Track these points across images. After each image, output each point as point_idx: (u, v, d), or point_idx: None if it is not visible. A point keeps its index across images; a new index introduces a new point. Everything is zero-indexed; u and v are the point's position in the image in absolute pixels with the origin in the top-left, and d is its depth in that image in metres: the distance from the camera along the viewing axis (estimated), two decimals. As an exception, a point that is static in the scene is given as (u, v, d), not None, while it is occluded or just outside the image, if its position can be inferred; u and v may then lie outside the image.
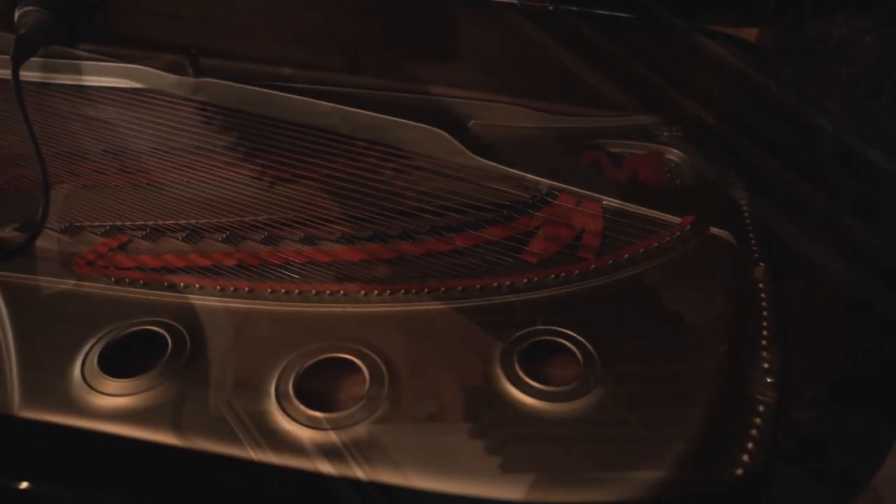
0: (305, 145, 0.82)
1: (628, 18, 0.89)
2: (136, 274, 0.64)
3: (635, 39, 0.88)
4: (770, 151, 0.79)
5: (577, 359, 0.57)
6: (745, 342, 0.59)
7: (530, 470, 0.50)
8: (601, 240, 0.67)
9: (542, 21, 0.91)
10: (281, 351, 0.57)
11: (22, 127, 0.88)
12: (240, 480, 0.50)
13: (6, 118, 0.90)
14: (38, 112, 0.90)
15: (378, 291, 0.61)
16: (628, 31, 0.89)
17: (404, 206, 0.73)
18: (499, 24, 0.93)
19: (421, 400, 0.54)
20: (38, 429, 0.51)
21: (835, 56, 1.04)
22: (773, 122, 0.81)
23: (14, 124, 0.90)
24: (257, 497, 0.48)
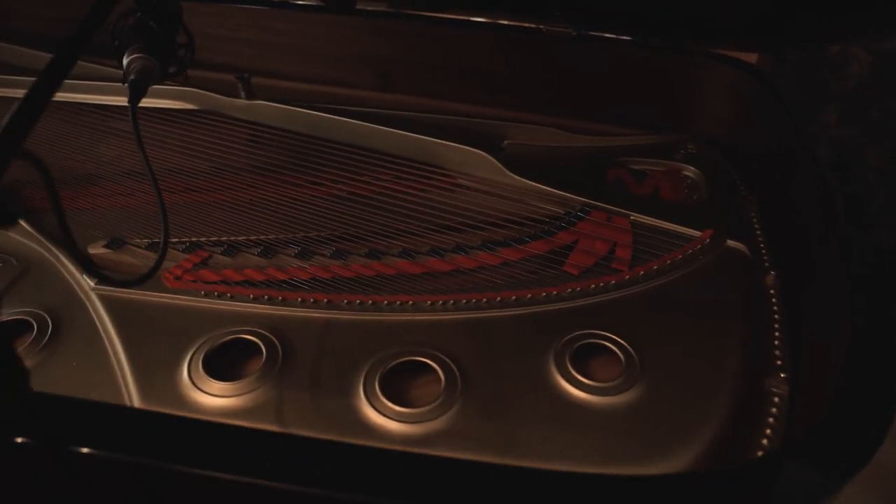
0: (355, 164, 0.90)
1: (645, 44, 0.97)
2: (222, 287, 0.71)
3: (652, 63, 0.97)
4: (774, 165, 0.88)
5: (619, 358, 0.66)
6: (760, 342, 0.69)
7: (582, 451, 0.59)
8: (632, 252, 0.76)
9: (566, 46, 0.99)
10: (362, 355, 0.65)
11: (86, 147, 0.96)
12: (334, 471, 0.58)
13: (73, 139, 0.97)
14: (104, 133, 0.97)
15: (442, 301, 0.69)
16: (645, 55, 0.97)
17: (452, 221, 0.81)
18: (526, 49, 1.01)
19: (487, 395, 0.62)
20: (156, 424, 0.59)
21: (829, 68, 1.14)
22: (776, 138, 0.90)
23: (81, 145, 0.97)
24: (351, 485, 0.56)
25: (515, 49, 1.02)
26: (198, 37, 1.11)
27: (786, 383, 0.64)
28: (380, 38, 1.06)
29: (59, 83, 0.47)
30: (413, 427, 0.59)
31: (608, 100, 0.99)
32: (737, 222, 0.82)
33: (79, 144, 0.97)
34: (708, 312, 0.70)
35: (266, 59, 1.11)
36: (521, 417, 0.61)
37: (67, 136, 0.98)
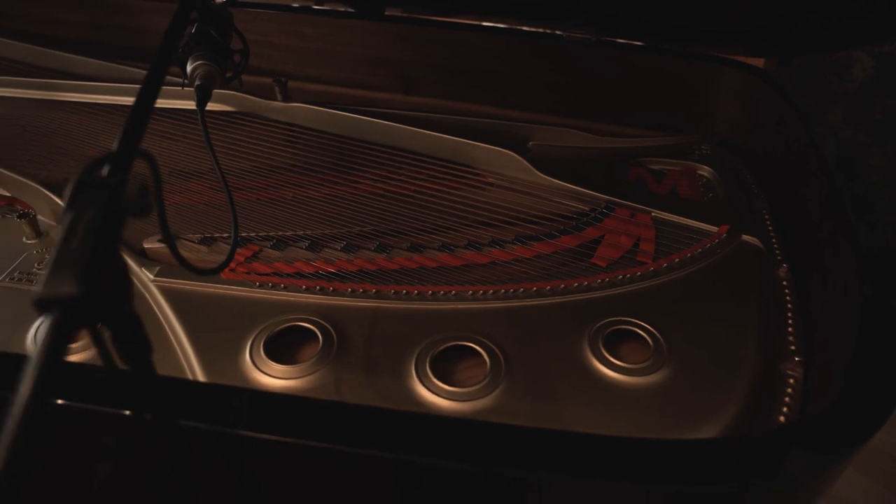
0: (389, 164, 0.95)
1: (660, 49, 1.03)
2: (275, 278, 0.76)
3: (667, 68, 1.02)
4: (783, 165, 0.94)
5: (647, 343, 0.71)
6: (774, 329, 0.74)
7: (618, 426, 0.64)
8: (655, 246, 0.81)
9: (585, 51, 1.04)
10: (411, 341, 0.70)
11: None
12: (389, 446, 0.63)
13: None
14: (156, 136, 1.02)
15: (482, 291, 0.74)
16: (661, 60, 1.02)
17: (485, 217, 0.86)
18: (546, 54, 1.06)
19: (529, 377, 0.68)
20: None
21: (833, 71, 1.20)
22: (785, 139, 0.95)
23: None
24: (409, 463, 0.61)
25: (536, 54, 1.08)
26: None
27: (800, 366, 0.70)
28: (405, 43, 1.11)
29: (158, 90, 0.52)
30: (463, 405, 0.65)
31: (626, 103, 1.04)
32: (750, 218, 0.87)
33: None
34: (726, 301, 0.76)
35: (294, 63, 1.15)
36: (560, 396, 0.66)
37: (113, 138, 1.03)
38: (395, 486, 0.54)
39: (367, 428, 0.50)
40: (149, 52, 1.20)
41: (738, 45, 1.03)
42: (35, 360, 0.30)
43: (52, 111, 1.09)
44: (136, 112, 0.48)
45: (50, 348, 0.30)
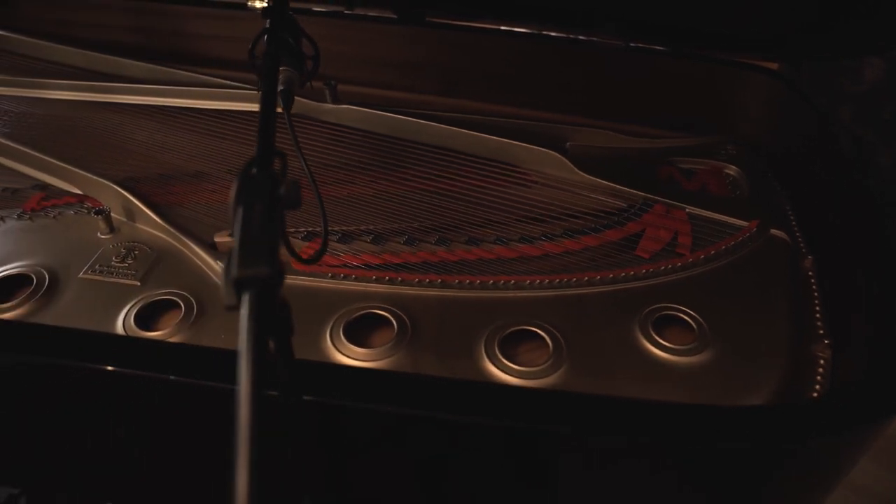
0: (437, 163, 1.01)
1: (686, 54, 1.10)
2: (345, 269, 0.82)
3: (694, 72, 1.09)
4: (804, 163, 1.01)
5: (691, 326, 0.78)
6: (804, 315, 0.81)
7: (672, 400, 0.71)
8: (692, 239, 0.88)
9: (618, 56, 1.11)
10: (478, 326, 0.76)
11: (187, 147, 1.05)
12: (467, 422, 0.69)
13: (177, 141, 1.07)
14: (209, 137, 1.07)
15: (539, 281, 0.81)
16: (687, 64, 1.09)
17: (533, 212, 0.93)
18: (580, 59, 1.12)
19: (587, 358, 0.74)
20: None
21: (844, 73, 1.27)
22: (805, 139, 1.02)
23: (182, 145, 1.06)
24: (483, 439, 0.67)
25: (570, 58, 1.14)
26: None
27: (828, 348, 0.77)
28: (444, 48, 1.17)
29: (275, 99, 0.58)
30: (531, 383, 0.71)
31: (654, 105, 1.11)
32: (775, 213, 0.94)
33: (184, 146, 1.07)
34: (759, 290, 0.83)
35: (336, 67, 1.21)
36: (617, 375, 0.73)
37: (173, 138, 1.08)
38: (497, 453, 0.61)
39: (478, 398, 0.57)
40: (193, 56, 1.26)
41: (756, 51, 1.10)
42: (246, 335, 0.36)
43: (106, 112, 1.14)
44: (264, 119, 0.54)
45: (257, 321, 0.36)
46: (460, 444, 0.64)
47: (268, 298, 0.38)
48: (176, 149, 1.06)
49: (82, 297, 0.83)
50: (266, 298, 0.37)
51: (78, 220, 0.95)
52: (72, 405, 0.75)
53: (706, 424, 0.61)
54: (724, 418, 0.62)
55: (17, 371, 0.71)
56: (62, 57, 1.22)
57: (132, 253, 0.89)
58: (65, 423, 0.78)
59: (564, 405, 0.59)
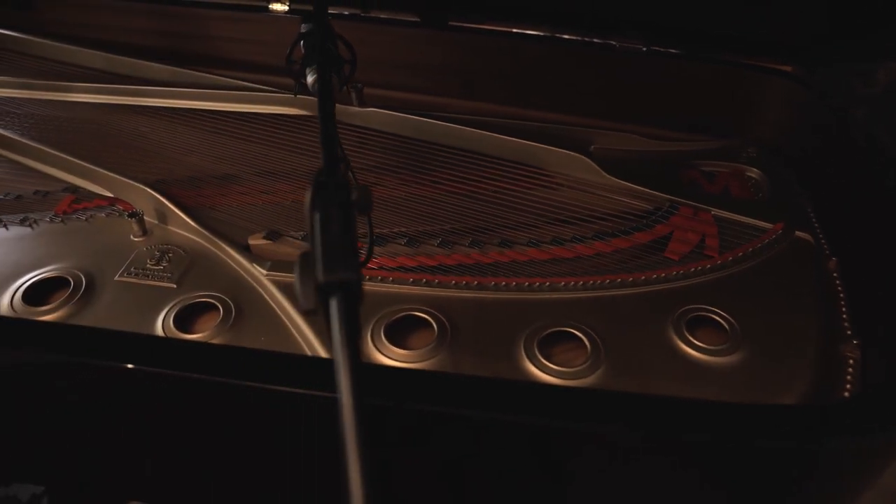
0: (464, 165, 1.02)
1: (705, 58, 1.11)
2: (382, 272, 0.83)
3: (712, 75, 1.11)
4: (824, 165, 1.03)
5: (723, 327, 0.79)
6: (831, 316, 0.83)
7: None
8: (719, 241, 0.90)
9: (637, 59, 1.12)
10: (516, 327, 0.78)
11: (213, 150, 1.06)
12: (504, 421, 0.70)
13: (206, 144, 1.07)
14: (235, 139, 1.07)
15: (573, 283, 0.82)
16: (705, 68, 1.11)
17: (561, 215, 0.94)
18: (602, 62, 1.14)
19: (624, 358, 0.75)
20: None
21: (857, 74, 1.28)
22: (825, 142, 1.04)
23: (208, 148, 1.07)
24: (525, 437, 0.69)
25: (590, 62, 1.16)
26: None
27: (857, 348, 0.79)
28: (466, 51, 1.18)
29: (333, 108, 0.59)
30: (572, 383, 0.72)
31: (674, 108, 1.12)
32: (798, 216, 0.96)
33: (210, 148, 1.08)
34: (787, 291, 0.85)
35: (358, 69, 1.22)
36: (655, 375, 0.74)
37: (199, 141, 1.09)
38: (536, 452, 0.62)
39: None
40: (214, 58, 1.27)
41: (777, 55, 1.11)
42: (340, 338, 0.37)
43: (130, 115, 1.15)
44: (324, 128, 0.55)
45: (349, 325, 0.37)
46: (503, 444, 0.65)
47: (354, 302, 0.39)
48: (202, 151, 1.07)
49: (119, 299, 0.84)
50: (353, 302, 0.38)
51: (109, 223, 0.96)
52: (113, 406, 0.76)
53: (743, 423, 0.62)
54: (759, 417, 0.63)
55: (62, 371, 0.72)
56: (84, 60, 1.22)
57: (166, 256, 0.90)
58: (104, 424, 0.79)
59: (611, 404, 0.61)
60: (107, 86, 1.14)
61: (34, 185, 1.01)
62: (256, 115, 1.12)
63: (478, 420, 0.58)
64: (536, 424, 0.60)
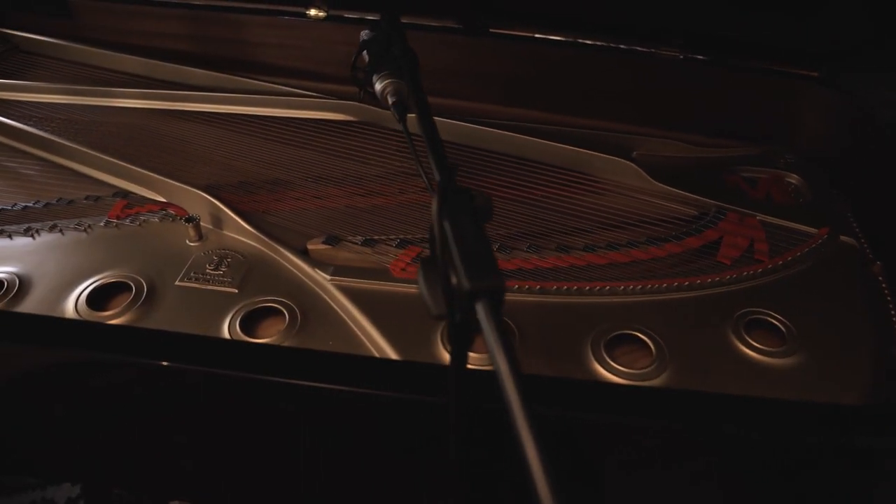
0: (511, 171, 1.04)
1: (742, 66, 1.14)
2: (444, 276, 0.84)
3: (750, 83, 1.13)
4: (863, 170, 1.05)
5: (780, 330, 0.81)
6: (881, 318, 0.85)
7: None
8: (768, 246, 0.92)
9: (675, 67, 1.15)
10: (580, 331, 0.79)
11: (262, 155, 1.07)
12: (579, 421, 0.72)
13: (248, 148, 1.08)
14: (284, 144, 1.08)
15: (632, 287, 0.84)
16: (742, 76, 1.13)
17: (611, 220, 0.96)
18: (641, 69, 1.16)
19: (688, 360, 0.77)
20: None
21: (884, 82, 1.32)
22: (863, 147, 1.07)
23: (256, 153, 1.07)
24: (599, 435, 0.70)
25: (627, 69, 1.18)
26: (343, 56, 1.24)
27: (908, 350, 0.81)
28: (506, 58, 1.20)
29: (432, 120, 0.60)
30: (639, 384, 0.74)
31: (712, 115, 1.15)
32: (839, 220, 0.98)
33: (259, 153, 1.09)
34: (838, 294, 0.87)
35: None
36: (719, 378, 0.76)
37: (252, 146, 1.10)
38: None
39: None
40: (252, 64, 1.27)
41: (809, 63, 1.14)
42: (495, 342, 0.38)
43: (174, 121, 1.15)
44: (429, 140, 0.57)
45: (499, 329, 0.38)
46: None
47: (500, 308, 0.40)
48: (250, 156, 1.07)
49: (182, 304, 0.84)
50: (500, 308, 0.40)
51: (163, 228, 0.96)
52: (170, 408, 0.76)
53: (807, 422, 0.65)
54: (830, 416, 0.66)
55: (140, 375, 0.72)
56: (124, 65, 1.22)
57: (225, 261, 0.90)
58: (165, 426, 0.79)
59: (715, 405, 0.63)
60: (155, 91, 1.15)
61: (85, 191, 1.01)
62: (303, 121, 1.13)
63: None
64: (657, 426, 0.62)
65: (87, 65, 1.23)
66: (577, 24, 1.18)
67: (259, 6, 1.27)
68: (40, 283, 0.86)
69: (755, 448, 0.66)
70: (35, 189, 1.02)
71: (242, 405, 0.74)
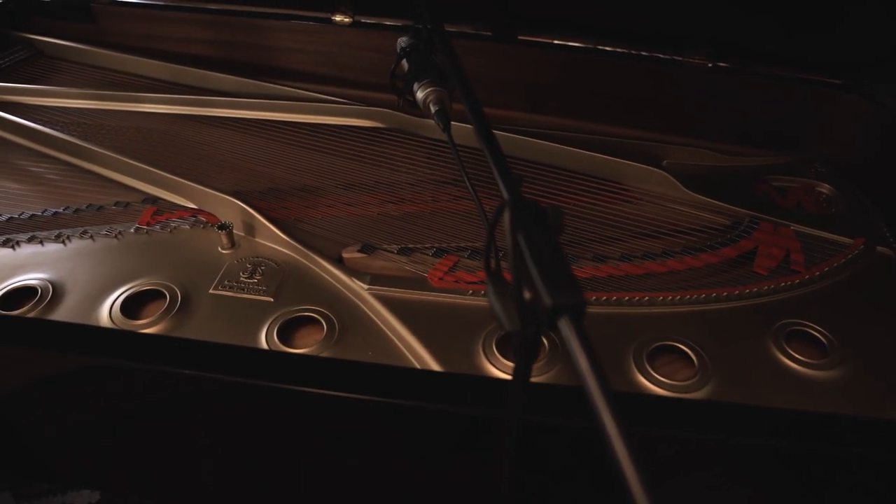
0: (543, 179, 1.03)
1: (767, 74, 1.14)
2: (481, 286, 0.83)
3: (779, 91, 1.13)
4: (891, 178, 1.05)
5: (822, 342, 0.81)
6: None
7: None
8: (804, 256, 0.92)
9: (702, 75, 1.15)
10: (621, 342, 0.79)
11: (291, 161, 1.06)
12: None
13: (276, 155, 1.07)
14: (312, 151, 1.08)
15: (671, 297, 0.83)
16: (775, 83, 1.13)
17: (644, 230, 0.95)
18: (668, 77, 1.16)
19: (729, 372, 0.77)
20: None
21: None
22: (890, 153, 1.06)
23: (285, 159, 1.07)
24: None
25: (655, 78, 1.17)
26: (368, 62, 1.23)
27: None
28: (533, 65, 1.20)
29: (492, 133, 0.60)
30: (685, 396, 0.73)
31: (740, 123, 1.15)
32: (872, 230, 0.98)
33: (287, 160, 1.08)
34: (877, 306, 0.86)
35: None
36: (762, 390, 0.76)
37: (279, 152, 1.09)
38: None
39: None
40: (277, 69, 1.27)
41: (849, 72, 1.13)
42: (584, 361, 0.38)
43: (200, 126, 1.14)
44: (492, 153, 0.56)
45: (588, 347, 0.38)
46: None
47: (582, 323, 0.39)
48: (279, 162, 1.07)
49: (217, 312, 0.84)
50: (582, 323, 0.39)
51: (194, 235, 0.95)
52: (199, 417, 0.76)
53: (853, 435, 0.64)
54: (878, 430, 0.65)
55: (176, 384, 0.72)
56: (149, 70, 1.22)
57: (259, 269, 0.89)
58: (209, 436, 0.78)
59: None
60: (183, 97, 1.14)
61: (113, 196, 1.01)
62: (329, 127, 1.13)
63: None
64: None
65: (110, 69, 1.22)
66: (604, 31, 1.18)
67: (284, 11, 1.27)
68: (73, 290, 0.86)
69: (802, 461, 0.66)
70: (63, 195, 1.01)
71: (279, 417, 0.73)
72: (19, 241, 0.92)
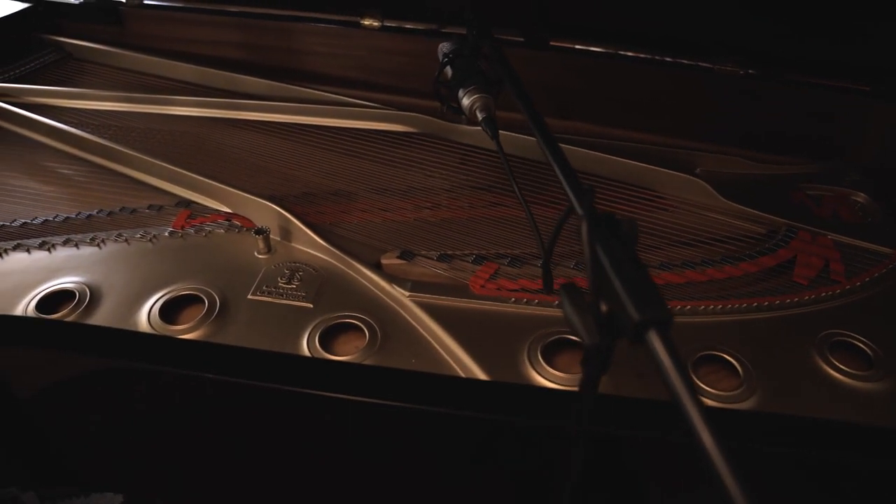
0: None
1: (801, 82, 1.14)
2: (523, 294, 0.83)
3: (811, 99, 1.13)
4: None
5: (866, 353, 0.80)
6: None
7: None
8: (844, 266, 0.91)
9: (735, 83, 1.14)
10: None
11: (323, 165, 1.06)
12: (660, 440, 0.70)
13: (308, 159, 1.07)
14: (344, 155, 1.07)
15: (712, 307, 0.83)
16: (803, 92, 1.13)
17: (681, 237, 0.95)
18: (700, 85, 1.15)
19: (774, 383, 0.76)
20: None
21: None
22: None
23: (317, 163, 1.06)
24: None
25: (686, 85, 1.17)
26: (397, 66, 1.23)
27: None
28: (562, 70, 1.19)
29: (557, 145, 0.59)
30: (730, 406, 0.73)
31: (773, 131, 1.14)
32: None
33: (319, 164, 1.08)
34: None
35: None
36: (809, 401, 0.75)
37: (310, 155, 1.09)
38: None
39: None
40: (305, 73, 1.27)
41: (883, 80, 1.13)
42: (674, 377, 0.37)
43: (229, 129, 1.14)
44: (560, 165, 0.56)
45: (678, 362, 0.37)
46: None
47: (670, 336, 0.39)
48: (311, 167, 1.06)
49: (257, 318, 0.83)
50: (670, 336, 0.39)
51: (229, 239, 0.95)
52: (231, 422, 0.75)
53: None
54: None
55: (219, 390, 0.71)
56: (177, 73, 1.22)
57: (297, 274, 0.89)
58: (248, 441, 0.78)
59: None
60: (214, 100, 1.14)
61: (146, 200, 1.00)
62: (361, 131, 1.13)
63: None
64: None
65: (138, 72, 1.22)
66: (636, 38, 1.18)
67: (312, 14, 1.27)
68: (110, 294, 0.85)
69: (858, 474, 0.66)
70: (96, 197, 1.01)
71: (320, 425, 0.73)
72: (55, 244, 0.92)
